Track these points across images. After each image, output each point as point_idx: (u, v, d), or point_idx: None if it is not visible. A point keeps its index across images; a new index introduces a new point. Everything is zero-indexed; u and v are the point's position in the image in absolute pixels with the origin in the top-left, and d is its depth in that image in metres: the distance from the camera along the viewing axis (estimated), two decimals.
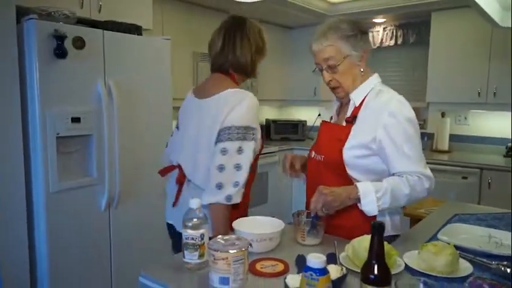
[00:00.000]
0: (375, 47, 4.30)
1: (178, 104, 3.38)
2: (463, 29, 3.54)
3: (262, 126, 4.64)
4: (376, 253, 0.85)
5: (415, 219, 2.24)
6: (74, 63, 2.12)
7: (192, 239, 1.15)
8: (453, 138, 3.90)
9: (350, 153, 1.38)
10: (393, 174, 1.37)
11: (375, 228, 0.84)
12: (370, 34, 4.33)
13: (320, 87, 4.26)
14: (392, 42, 4.19)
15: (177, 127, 1.74)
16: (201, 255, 1.15)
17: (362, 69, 1.46)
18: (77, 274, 2.23)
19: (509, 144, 3.55)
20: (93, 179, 2.27)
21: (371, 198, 1.30)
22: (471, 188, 3.26)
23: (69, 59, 2.08)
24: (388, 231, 1.42)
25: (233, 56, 1.53)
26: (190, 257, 1.15)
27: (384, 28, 4.25)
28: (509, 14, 1.61)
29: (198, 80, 3.59)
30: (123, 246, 2.45)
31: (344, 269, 1.07)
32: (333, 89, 1.49)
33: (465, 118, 3.89)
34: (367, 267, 0.86)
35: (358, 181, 1.36)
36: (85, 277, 2.26)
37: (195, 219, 1.16)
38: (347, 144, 1.40)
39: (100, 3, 2.54)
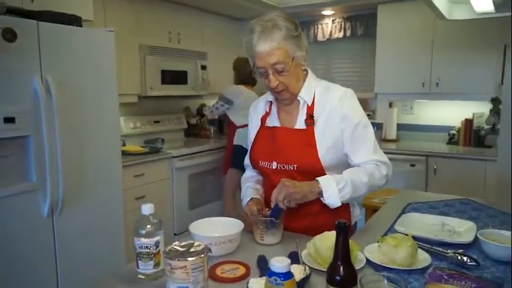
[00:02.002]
0: (324, 39, 4.34)
1: (126, 100, 3.27)
2: (407, 22, 3.66)
3: (214, 121, 4.60)
4: (342, 254, 0.82)
5: (369, 209, 2.30)
6: (4, 57, 1.92)
7: (146, 247, 1.07)
8: (400, 127, 4.06)
9: (328, 156, 1.37)
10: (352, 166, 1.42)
11: (340, 228, 0.81)
12: (320, 26, 4.37)
13: None
14: (341, 35, 4.26)
15: None
16: (156, 264, 1.08)
17: (304, 68, 1.43)
18: None
19: (451, 132, 3.74)
20: (33, 183, 2.09)
21: (332, 190, 1.31)
22: (418, 175, 3.40)
23: None
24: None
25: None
26: (145, 267, 1.08)
27: (332, 20, 4.30)
28: (455, 7, 1.66)
29: (146, 74, 3.42)
30: (70, 256, 2.28)
31: (307, 268, 1.05)
32: (278, 92, 1.38)
33: (411, 108, 4.04)
34: (332, 268, 0.83)
35: None
36: None
37: (148, 226, 1.08)
38: (321, 148, 1.36)
39: None
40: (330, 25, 4.32)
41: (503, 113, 2.96)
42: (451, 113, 3.81)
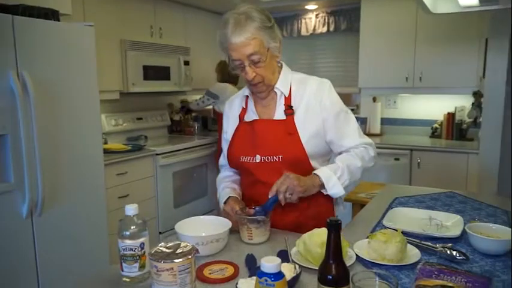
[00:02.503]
0: (308, 34, 4.33)
1: (107, 96, 3.19)
2: (390, 17, 3.67)
3: (198, 117, 4.54)
4: (334, 252, 0.80)
5: (356, 204, 2.30)
6: None
7: (131, 249, 1.03)
8: (384, 121, 4.08)
9: (310, 145, 1.37)
10: (340, 152, 1.44)
11: (332, 225, 0.79)
12: (303, 21, 4.36)
13: None
14: (324, 29, 4.25)
15: None
16: (141, 267, 1.04)
17: (279, 60, 1.42)
18: None
19: (434, 126, 3.78)
20: (10, 184, 2.01)
21: (333, 180, 1.33)
22: (403, 169, 3.43)
23: None
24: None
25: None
26: (129, 270, 1.04)
27: (316, 15, 4.28)
28: (440, 1, 1.68)
29: (128, 70, 3.35)
30: (52, 259, 2.21)
31: (297, 267, 1.02)
32: (255, 84, 1.37)
33: (394, 102, 4.07)
34: (324, 267, 0.81)
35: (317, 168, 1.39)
36: None
37: (132, 227, 1.04)
38: (304, 137, 1.37)
39: None
40: (313, 20, 4.30)
41: (485, 106, 3.01)
42: (433, 107, 3.85)
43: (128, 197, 3.03)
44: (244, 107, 1.48)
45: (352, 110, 1.50)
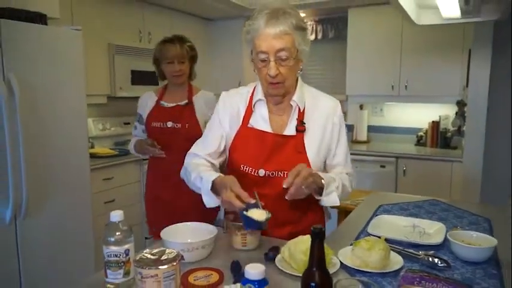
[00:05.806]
0: None
1: (94, 100, 3.16)
2: (376, 26, 3.74)
3: None
4: (317, 260, 0.81)
5: (342, 212, 2.32)
6: None
7: (116, 255, 1.02)
8: (370, 129, 4.13)
9: (314, 165, 1.33)
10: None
11: (315, 233, 0.80)
12: None
13: (245, 81, 4.22)
14: (312, 37, 4.29)
15: None
16: (126, 273, 1.04)
17: (302, 68, 1.35)
18: None
19: (419, 134, 3.84)
20: None
21: (331, 188, 1.29)
22: (388, 176, 3.47)
23: None
24: None
25: None
26: (114, 276, 1.03)
27: None
28: (424, 13, 1.71)
29: (115, 74, 3.33)
30: (35, 265, 2.18)
31: (267, 212, 1.14)
32: (274, 84, 1.28)
33: (380, 110, 4.13)
34: (307, 274, 0.82)
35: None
36: None
37: (117, 233, 1.03)
38: (310, 157, 1.33)
39: None
40: None
41: (468, 116, 3.07)
42: (419, 115, 3.92)
43: (114, 202, 3.00)
44: (253, 109, 1.38)
45: None
